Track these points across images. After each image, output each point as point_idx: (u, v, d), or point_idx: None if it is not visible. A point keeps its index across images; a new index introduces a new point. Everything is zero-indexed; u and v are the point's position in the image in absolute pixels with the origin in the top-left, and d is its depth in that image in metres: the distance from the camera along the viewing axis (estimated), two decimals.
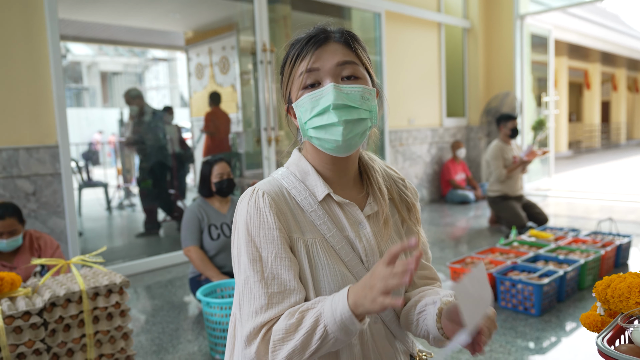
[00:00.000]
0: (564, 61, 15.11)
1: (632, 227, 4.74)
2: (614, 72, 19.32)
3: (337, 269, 0.93)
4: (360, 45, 0.98)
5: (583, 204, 6.22)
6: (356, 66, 0.94)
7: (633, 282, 0.90)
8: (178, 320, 2.91)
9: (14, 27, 3.24)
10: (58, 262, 1.87)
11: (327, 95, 0.90)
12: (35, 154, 3.34)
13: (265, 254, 0.90)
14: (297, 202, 0.97)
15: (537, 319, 2.68)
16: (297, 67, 0.95)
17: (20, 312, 1.63)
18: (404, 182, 1.10)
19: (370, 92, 0.94)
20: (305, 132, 0.95)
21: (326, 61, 0.92)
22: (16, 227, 2.39)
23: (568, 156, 15.17)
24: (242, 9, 5.60)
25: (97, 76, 16.31)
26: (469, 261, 3.21)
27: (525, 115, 7.19)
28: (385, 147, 6.03)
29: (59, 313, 1.71)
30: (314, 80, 0.93)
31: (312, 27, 0.99)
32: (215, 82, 7.30)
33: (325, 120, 0.90)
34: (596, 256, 3.15)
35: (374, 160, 1.09)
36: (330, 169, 0.99)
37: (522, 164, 4.69)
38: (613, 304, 0.93)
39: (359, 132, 0.92)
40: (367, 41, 6.17)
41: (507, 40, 7.07)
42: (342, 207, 0.98)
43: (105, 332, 1.83)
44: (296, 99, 0.95)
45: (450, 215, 5.79)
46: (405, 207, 1.07)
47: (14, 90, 3.25)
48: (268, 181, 1.00)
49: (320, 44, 0.94)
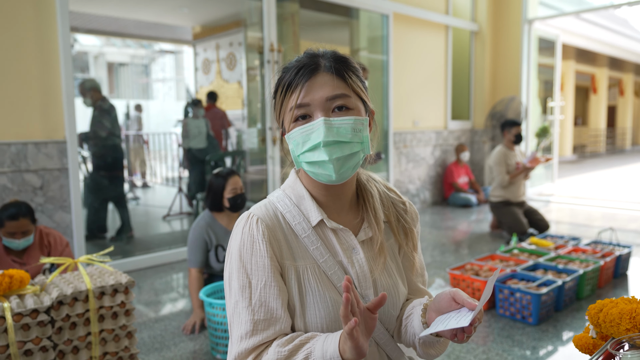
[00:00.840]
0: (571, 65, 15.06)
1: (633, 236, 4.76)
2: (622, 77, 19.24)
3: (328, 295, 0.94)
4: (352, 72, 0.96)
5: (585, 211, 6.23)
6: (347, 98, 0.93)
7: (625, 308, 0.93)
8: (180, 318, 2.96)
9: (24, 20, 3.28)
10: (66, 260, 1.91)
11: (317, 131, 0.90)
12: (44, 148, 3.38)
13: (255, 281, 0.92)
14: (292, 227, 0.98)
15: (534, 328, 2.71)
16: (288, 99, 0.94)
17: (29, 309, 1.67)
18: (404, 205, 1.10)
19: (362, 122, 0.94)
20: (299, 164, 0.95)
21: (316, 95, 0.92)
22: (29, 227, 2.43)
23: (572, 160, 15.14)
24: (250, 5, 5.61)
25: (104, 66, 16.33)
26: (469, 267, 3.24)
27: (530, 120, 7.20)
28: (390, 149, 6.05)
29: (65, 311, 1.76)
30: (304, 113, 0.93)
31: (304, 53, 0.97)
32: (222, 78, 7.33)
33: (317, 157, 0.90)
34: (595, 266, 3.18)
35: (373, 182, 1.08)
36: (325, 195, 1.00)
37: (524, 170, 4.71)
38: (605, 328, 0.96)
39: (351, 166, 0.93)
40: (374, 40, 6.19)
41: (514, 44, 7.07)
42: (336, 233, 0.99)
43: (110, 331, 1.88)
44: (288, 131, 0.95)
45: (452, 219, 5.82)
46: (403, 231, 1.07)
47: (24, 85, 3.29)
48: (264, 204, 1.01)
49: (310, 75, 0.92)
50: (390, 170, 6.10)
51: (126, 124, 8.63)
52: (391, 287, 1.01)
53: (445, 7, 6.80)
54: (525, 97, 7.08)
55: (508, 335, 2.64)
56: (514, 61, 7.09)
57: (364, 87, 0.98)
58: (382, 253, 1.00)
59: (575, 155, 16.43)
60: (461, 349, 2.48)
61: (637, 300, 0.95)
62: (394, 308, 1.01)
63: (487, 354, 2.43)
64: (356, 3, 5.53)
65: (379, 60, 6.14)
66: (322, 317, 0.93)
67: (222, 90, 7.14)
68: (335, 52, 0.97)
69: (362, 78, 0.99)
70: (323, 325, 0.94)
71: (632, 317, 0.90)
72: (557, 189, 7.83)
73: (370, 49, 6.36)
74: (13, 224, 2.36)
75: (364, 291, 0.98)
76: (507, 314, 2.86)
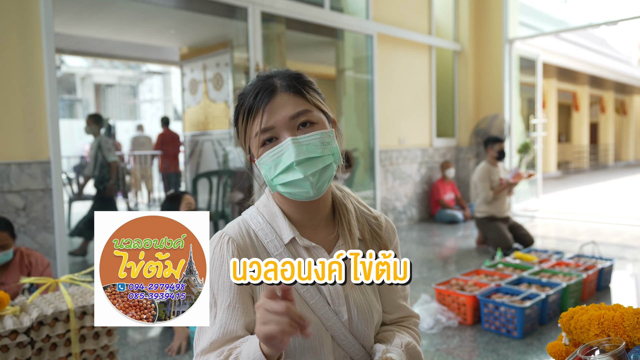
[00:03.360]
0: (553, 83, 15.40)
1: (615, 250, 4.82)
2: (602, 95, 19.70)
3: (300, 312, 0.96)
4: (309, 87, 0.97)
5: (570, 226, 6.31)
6: (309, 113, 0.94)
7: (594, 314, 0.95)
8: (164, 338, 2.92)
9: (9, 41, 3.29)
10: (47, 280, 1.90)
11: (287, 151, 0.91)
12: (27, 169, 3.36)
13: (220, 301, 0.94)
14: (264, 245, 0.99)
15: (519, 342, 2.72)
16: (252, 125, 0.94)
17: (8, 330, 1.65)
18: (377, 220, 1.10)
19: (329, 135, 0.95)
20: (274, 187, 0.95)
21: (279, 116, 0.92)
22: (8, 241, 2.40)
23: (557, 177, 15.36)
24: (237, 27, 5.69)
25: (91, 88, 16.33)
26: (454, 283, 3.26)
27: (513, 137, 7.33)
28: (376, 167, 6.10)
29: (46, 332, 1.73)
30: (270, 136, 0.93)
31: (256, 77, 0.98)
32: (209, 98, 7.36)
33: (292, 177, 0.91)
34: (578, 279, 3.22)
35: (348, 198, 1.08)
36: (300, 212, 1.01)
37: (508, 185, 4.78)
38: (576, 334, 0.98)
39: (327, 178, 0.94)
40: (359, 60, 6.30)
41: (496, 63, 7.24)
42: (309, 250, 0.99)
43: (92, 351, 1.85)
44: (257, 157, 0.95)
45: (439, 235, 5.85)
46: (377, 247, 1.06)
47: (7, 105, 3.29)
48: (237, 222, 1.02)
49: (269, 98, 0.93)
50: (377, 188, 6.14)
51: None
52: (364, 305, 1.01)
53: (428, 28, 6.96)
54: (508, 114, 7.22)
55: (493, 349, 2.65)
56: (496, 80, 7.24)
57: (322, 99, 0.99)
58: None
59: (559, 172, 16.67)
60: None
61: (606, 307, 0.98)
62: (368, 326, 1.01)
63: None
64: (341, 24, 5.64)
65: (364, 80, 6.24)
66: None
67: (209, 110, 7.17)
68: (288, 70, 0.98)
69: (318, 90, 1.00)
70: (296, 342, 0.94)
71: (601, 323, 0.93)
72: (541, 205, 7.93)
73: (355, 69, 6.46)
74: None
75: (337, 308, 0.98)
76: (492, 328, 2.87)
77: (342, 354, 1.00)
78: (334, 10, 5.62)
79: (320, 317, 0.97)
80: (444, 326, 2.96)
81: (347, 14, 5.96)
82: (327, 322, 0.97)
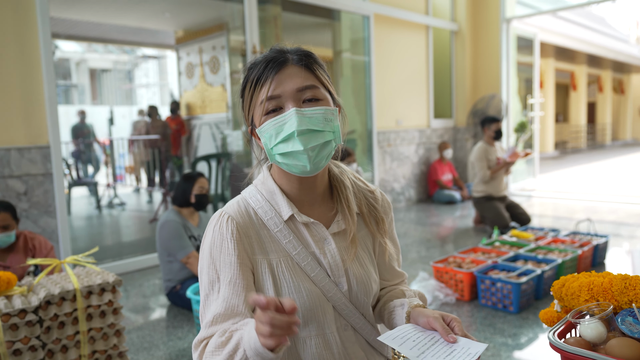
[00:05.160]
0: (551, 63, 15.34)
1: (611, 227, 4.89)
2: (600, 74, 19.63)
3: (302, 285, 0.98)
4: (319, 65, 0.99)
5: (566, 205, 6.37)
6: (316, 89, 0.96)
7: (584, 281, 1.00)
8: (168, 318, 2.98)
9: (4, 26, 3.28)
10: (52, 261, 1.93)
11: (290, 121, 0.92)
12: (27, 154, 3.38)
13: (222, 277, 0.96)
14: (264, 222, 1.01)
15: (515, 316, 2.79)
16: (258, 93, 0.96)
17: (17, 310, 1.69)
18: (373, 194, 1.13)
19: (332, 112, 0.96)
20: (273, 157, 0.97)
21: (286, 86, 0.93)
22: (9, 222, 2.43)
23: (554, 156, 15.40)
24: (233, 9, 5.65)
25: (86, 73, 16.20)
26: (452, 260, 3.31)
27: (511, 117, 7.33)
28: (374, 148, 6.13)
29: (53, 311, 1.78)
30: (275, 105, 0.94)
31: (270, 49, 0.99)
32: (206, 82, 7.33)
33: (291, 147, 0.92)
34: (573, 256, 3.28)
35: (344, 173, 1.11)
36: (297, 188, 1.02)
37: (505, 165, 4.81)
38: (567, 301, 1.02)
39: (325, 155, 0.95)
40: (356, 42, 6.27)
41: (493, 43, 7.21)
42: (308, 226, 1.02)
43: (99, 329, 1.90)
44: (259, 125, 0.96)
45: (437, 215, 5.90)
46: (374, 220, 1.11)
47: (5, 91, 3.29)
48: (237, 201, 1.04)
49: (279, 68, 0.94)
50: (375, 169, 6.17)
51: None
52: (363, 276, 1.05)
53: (425, 8, 6.91)
54: (506, 94, 7.22)
55: (490, 323, 2.71)
56: (494, 60, 7.22)
57: (330, 81, 1.01)
58: (354, 244, 1.04)
59: (556, 152, 16.72)
60: None
61: (595, 274, 1.02)
62: (367, 295, 1.05)
63: None
64: (337, 5, 5.60)
65: (361, 62, 6.22)
66: (298, 305, 0.96)
67: (206, 94, 7.15)
68: (300, 47, 1.00)
69: (327, 72, 1.01)
70: (299, 314, 0.98)
71: (590, 289, 0.97)
72: (538, 184, 7.98)
73: (352, 51, 6.43)
74: None
75: (337, 279, 1.02)
76: (489, 303, 2.93)
77: (343, 322, 1.04)
78: None
79: (321, 288, 1.01)
80: (442, 302, 3.02)
81: None
82: (328, 293, 1.01)
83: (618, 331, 0.90)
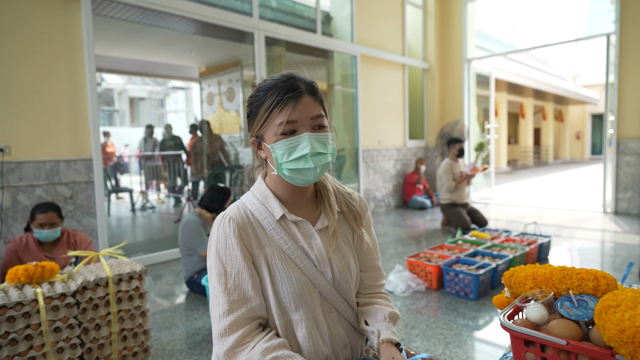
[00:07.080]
0: (504, 95, 15.44)
1: (553, 229, 4.87)
2: (544, 105, 19.78)
3: (293, 275, 0.96)
4: (322, 95, 0.99)
5: (517, 211, 6.35)
6: (323, 117, 0.96)
7: (529, 272, 0.97)
8: (187, 302, 2.93)
9: (58, 62, 3.27)
10: (89, 253, 1.90)
11: (303, 143, 0.92)
12: (73, 165, 3.34)
13: (229, 269, 0.93)
14: (259, 222, 0.99)
15: (474, 302, 2.75)
16: (276, 115, 0.93)
17: (58, 294, 1.65)
18: (350, 195, 1.11)
19: (332, 138, 0.97)
20: (280, 170, 0.96)
21: (303, 114, 0.92)
22: (56, 220, 2.39)
23: (507, 172, 15.43)
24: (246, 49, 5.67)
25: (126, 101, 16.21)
26: (422, 255, 3.28)
27: (471, 138, 7.35)
28: (360, 163, 6.11)
29: (89, 295, 1.74)
30: (291, 128, 0.93)
31: (281, 73, 0.97)
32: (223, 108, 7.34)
33: (302, 165, 0.92)
34: (522, 252, 3.25)
35: (326, 179, 1.10)
36: (290, 193, 1.02)
37: (467, 177, 4.80)
38: (515, 288, 0.99)
39: (325, 171, 0.96)
40: (346, 77, 6.28)
41: (457, 79, 7.25)
42: (297, 224, 1.00)
43: (127, 311, 1.86)
44: (272, 142, 0.94)
45: (411, 219, 5.87)
46: (353, 216, 1.09)
47: (57, 114, 3.27)
48: (237, 205, 1.02)
49: (298, 97, 0.93)
50: (361, 181, 6.15)
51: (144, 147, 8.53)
52: (344, 265, 1.03)
53: (402, 50, 6.95)
54: (467, 120, 7.24)
55: (454, 308, 2.68)
56: (457, 92, 7.26)
57: (327, 110, 1.01)
58: (334, 237, 1.02)
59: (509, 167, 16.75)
60: (416, 320, 2.51)
61: (539, 266, 0.99)
62: (348, 282, 1.03)
63: (436, 323, 2.46)
64: (331, 47, 5.63)
65: (350, 93, 6.23)
66: (290, 292, 0.95)
67: (223, 118, 7.15)
68: (306, 77, 0.98)
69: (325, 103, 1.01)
70: (290, 299, 0.95)
71: (534, 278, 0.94)
72: (494, 194, 7.97)
73: (343, 84, 6.45)
74: (42, 216, 2.33)
75: (322, 269, 1.00)
76: (453, 291, 2.89)
77: (328, 306, 1.01)
78: (325, 35, 5.60)
79: (309, 277, 0.98)
80: (414, 290, 2.98)
81: (336, 38, 5.95)
82: (314, 280, 0.98)
83: (557, 314, 0.87)
